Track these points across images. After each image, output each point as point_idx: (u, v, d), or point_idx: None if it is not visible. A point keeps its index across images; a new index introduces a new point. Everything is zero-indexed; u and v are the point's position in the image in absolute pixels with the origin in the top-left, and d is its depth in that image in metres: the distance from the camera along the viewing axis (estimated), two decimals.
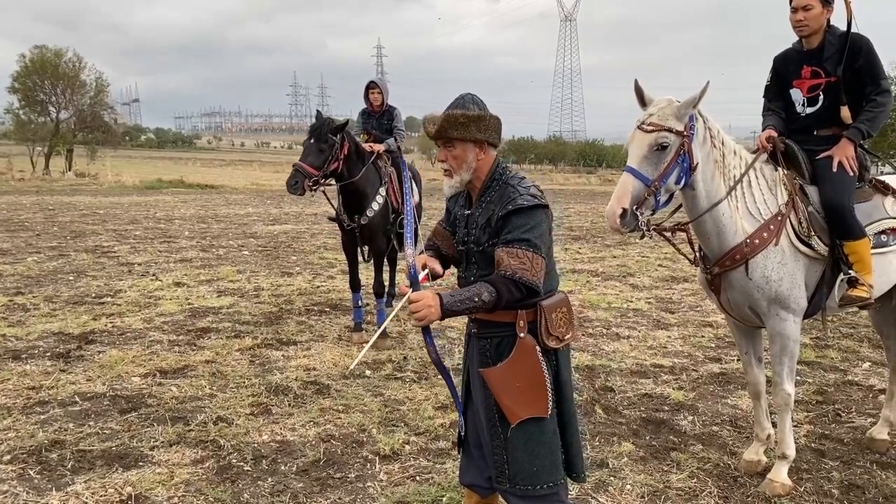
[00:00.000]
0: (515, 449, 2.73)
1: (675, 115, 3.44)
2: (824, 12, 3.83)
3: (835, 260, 3.82)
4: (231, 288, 9.35)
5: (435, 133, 2.75)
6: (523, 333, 2.69)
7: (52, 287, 9.13)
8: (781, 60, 4.14)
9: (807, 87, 3.99)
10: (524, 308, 2.69)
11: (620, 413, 5.12)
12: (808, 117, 4.03)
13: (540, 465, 2.71)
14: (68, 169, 39.90)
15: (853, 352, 6.78)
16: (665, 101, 3.49)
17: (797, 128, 4.09)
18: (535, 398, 2.69)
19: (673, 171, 3.46)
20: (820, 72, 3.92)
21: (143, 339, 6.75)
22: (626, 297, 9.24)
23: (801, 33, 3.92)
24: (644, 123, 3.45)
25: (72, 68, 40.76)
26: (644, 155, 3.42)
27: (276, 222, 18.20)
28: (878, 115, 3.85)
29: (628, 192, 3.37)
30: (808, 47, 3.97)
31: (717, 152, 3.68)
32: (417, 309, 2.53)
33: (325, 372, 5.90)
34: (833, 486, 4.03)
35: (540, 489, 2.72)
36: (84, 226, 16.17)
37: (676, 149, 3.44)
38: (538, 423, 2.71)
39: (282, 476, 4.07)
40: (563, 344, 2.76)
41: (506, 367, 2.71)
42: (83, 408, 5.00)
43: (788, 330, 3.78)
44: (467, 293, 2.57)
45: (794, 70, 4.03)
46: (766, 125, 4.07)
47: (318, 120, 6.53)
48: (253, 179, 42.03)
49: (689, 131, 3.47)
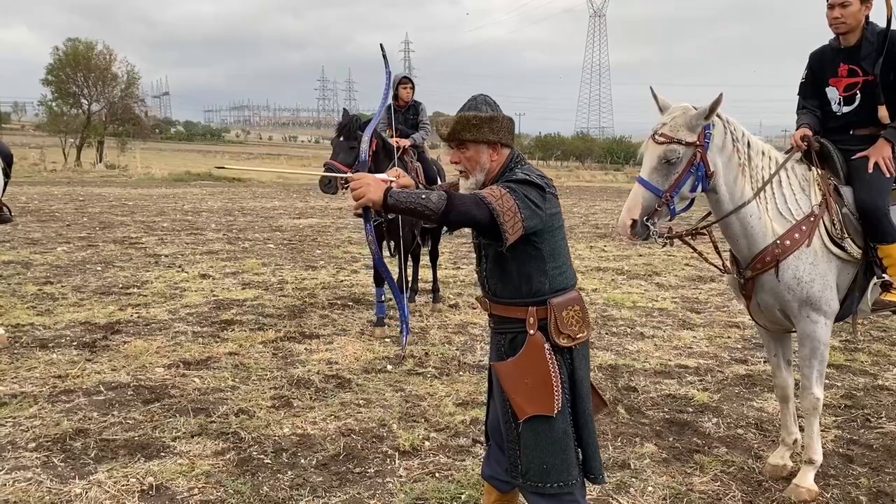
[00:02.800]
0: (526, 445, 2.74)
1: (687, 126, 3.40)
2: (862, 9, 3.73)
3: (868, 263, 3.73)
4: (256, 281, 9.40)
5: (448, 135, 2.74)
6: (533, 330, 2.69)
7: (81, 277, 9.24)
8: (817, 58, 4.04)
9: (843, 86, 3.89)
10: (535, 305, 2.70)
11: (643, 414, 5.06)
12: (845, 116, 3.94)
13: (550, 464, 2.71)
14: (99, 161, 40.46)
15: (884, 356, 6.64)
16: (680, 110, 3.44)
17: (833, 127, 3.99)
18: (543, 396, 2.69)
19: (686, 180, 3.43)
20: (857, 70, 3.83)
21: (168, 330, 6.81)
22: (651, 296, 9.14)
23: (837, 30, 3.82)
24: (656, 134, 3.43)
25: (103, 61, 41.31)
26: (654, 166, 3.41)
27: (301, 216, 18.29)
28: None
29: (639, 203, 3.38)
30: (845, 45, 3.87)
31: (741, 155, 3.61)
32: (356, 187, 2.53)
33: (347, 366, 5.91)
34: (861, 493, 3.94)
35: (549, 487, 2.72)
36: (113, 217, 16.38)
37: (689, 159, 3.41)
38: (547, 421, 2.70)
39: (301, 469, 4.07)
40: (574, 342, 2.74)
41: (515, 362, 2.72)
42: (107, 397, 5.05)
43: (819, 333, 3.70)
44: (418, 192, 2.56)
45: (830, 68, 3.94)
46: (800, 123, 3.98)
47: (346, 118, 6.53)
48: (279, 173, 42.27)
49: (703, 140, 3.42)
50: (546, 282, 2.71)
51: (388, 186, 2.56)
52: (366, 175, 2.60)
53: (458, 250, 12.58)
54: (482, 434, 4.50)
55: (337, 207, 20.70)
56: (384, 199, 2.50)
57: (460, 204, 2.50)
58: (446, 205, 2.48)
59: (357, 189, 2.52)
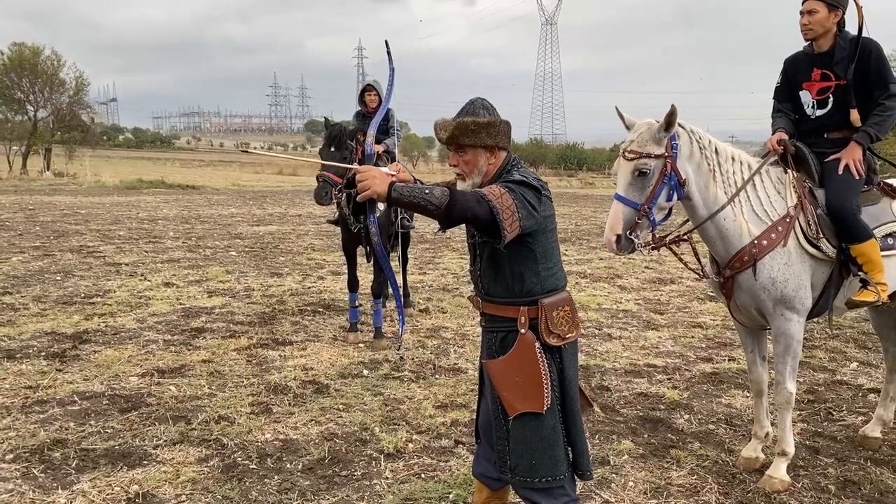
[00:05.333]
0: (515, 441, 2.82)
1: (653, 140, 3.56)
2: (831, 16, 3.92)
3: (843, 262, 3.90)
4: (221, 288, 9.32)
5: (447, 140, 2.82)
6: (524, 329, 2.78)
7: (40, 287, 9.04)
8: (791, 62, 4.23)
9: (816, 90, 4.07)
10: (526, 305, 2.78)
11: (618, 412, 5.19)
12: (818, 119, 4.12)
13: (539, 459, 2.79)
14: (46, 168, 39.50)
15: (840, 352, 6.91)
16: (645, 126, 3.61)
17: (807, 130, 4.18)
18: (533, 393, 2.77)
19: (661, 191, 3.59)
20: (830, 75, 4.01)
21: (138, 338, 6.72)
22: (615, 298, 9.33)
23: (807, 37, 4.01)
24: (626, 151, 3.59)
25: (50, 66, 40.33)
26: (629, 182, 3.57)
27: (260, 223, 18.13)
28: (887, 119, 3.94)
29: (620, 219, 3.53)
30: (818, 50, 4.06)
31: (710, 162, 3.77)
32: (362, 179, 2.57)
33: (323, 371, 5.92)
34: (829, 483, 4.12)
35: (538, 482, 2.80)
36: (66, 226, 16.02)
37: (660, 170, 3.57)
38: (536, 418, 2.78)
39: (288, 474, 4.08)
40: (564, 342, 2.83)
41: (506, 360, 2.80)
42: (83, 407, 4.98)
43: (792, 330, 3.86)
44: (421, 188, 2.62)
45: (803, 72, 4.13)
46: (776, 127, 4.16)
47: (334, 128, 6.46)
48: (233, 180, 41.81)
49: (670, 151, 3.58)
50: (538, 282, 2.80)
51: (393, 180, 2.62)
52: (371, 168, 2.65)
53: (422, 255, 12.64)
54: (464, 435, 4.59)
55: (296, 214, 20.58)
56: (389, 192, 2.55)
57: (462, 200, 2.56)
58: (449, 200, 2.54)
59: (363, 181, 2.57)
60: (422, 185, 2.67)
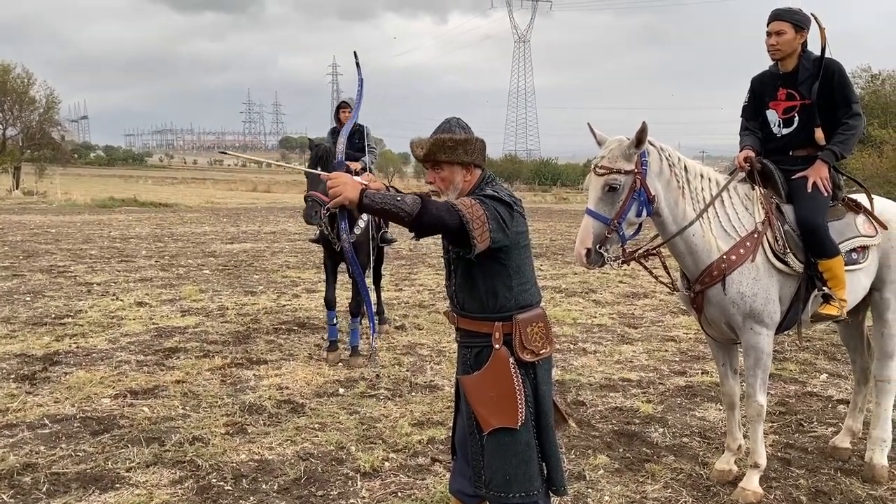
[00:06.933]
0: (490, 456, 2.84)
1: (623, 156, 3.63)
2: (797, 37, 4.03)
3: (809, 276, 3.98)
4: (195, 307, 9.24)
5: (423, 157, 2.85)
6: (498, 345, 2.81)
7: (9, 308, 8.90)
8: (758, 81, 4.32)
9: (782, 109, 4.17)
10: (501, 321, 2.81)
11: (593, 426, 5.23)
12: (784, 138, 4.21)
13: (512, 474, 2.81)
14: (15, 187, 38.89)
15: (810, 364, 7.02)
16: (616, 142, 3.68)
17: (773, 148, 4.26)
18: (507, 409, 2.79)
19: (630, 206, 3.65)
20: (795, 94, 4.11)
21: (110, 359, 6.64)
22: (589, 312, 9.40)
23: (774, 57, 4.11)
24: (596, 167, 3.66)
25: (20, 84, 39.88)
26: (599, 196, 3.63)
27: (234, 241, 18.00)
28: (851, 138, 4.04)
29: (590, 234, 3.60)
30: (783, 70, 4.16)
31: (679, 179, 3.84)
32: (333, 185, 2.58)
33: (299, 390, 5.89)
34: (801, 494, 4.18)
35: (512, 497, 2.82)
36: (36, 245, 15.79)
37: (630, 186, 3.63)
38: (510, 434, 2.80)
39: (263, 495, 4.05)
40: (538, 358, 2.86)
41: (480, 376, 2.83)
42: (53, 430, 4.90)
43: (762, 343, 3.93)
44: (392, 195, 2.63)
45: (770, 91, 4.22)
46: (743, 145, 4.25)
47: (319, 149, 6.45)
48: (207, 197, 41.55)
49: (640, 168, 3.65)
50: (511, 297, 2.83)
51: (365, 187, 2.63)
52: (342, 174, 2.66)
53: (398, 272, 12.64)
54: (441, 453, 4.59)
55: (270, 232, 20.47)
56: (360, 199, 2.56)
57: (433, 208, 2.59)
58: (420, 208, 2.56)
59: (334, 188, 2.58)
60: (394, 193, 2.69)
